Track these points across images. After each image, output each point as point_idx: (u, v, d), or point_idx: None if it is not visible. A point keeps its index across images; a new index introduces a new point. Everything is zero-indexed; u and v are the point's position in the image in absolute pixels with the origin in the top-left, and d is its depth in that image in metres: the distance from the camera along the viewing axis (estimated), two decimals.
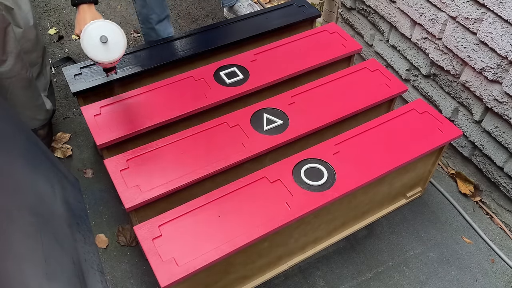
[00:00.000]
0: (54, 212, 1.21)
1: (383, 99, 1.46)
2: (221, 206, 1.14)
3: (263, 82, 1.48)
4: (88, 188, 1.56)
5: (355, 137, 1.31)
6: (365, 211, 1.42)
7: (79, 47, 2.13)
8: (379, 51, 1.84)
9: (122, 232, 1.44)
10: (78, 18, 1.27)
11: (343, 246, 1.42)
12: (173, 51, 1.58)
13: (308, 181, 1.19)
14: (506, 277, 1.37)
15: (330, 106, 1.42)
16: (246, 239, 1.07)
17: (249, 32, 1.67)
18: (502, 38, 1.26)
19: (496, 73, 1.32)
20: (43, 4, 2.38)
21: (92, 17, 1.25)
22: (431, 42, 1.54)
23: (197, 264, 1.02)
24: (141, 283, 1.33)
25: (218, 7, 2.41)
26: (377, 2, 1.72)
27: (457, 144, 1.59)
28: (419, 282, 1.35)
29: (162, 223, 1.10)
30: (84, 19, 1.24)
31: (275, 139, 1.31)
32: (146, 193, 1.16)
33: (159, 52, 1.58)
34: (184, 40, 1.63)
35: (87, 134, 1.72)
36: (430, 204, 1.55)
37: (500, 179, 1.45)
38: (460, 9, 1.36)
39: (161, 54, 1.57)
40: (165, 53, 1.58)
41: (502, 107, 1.35)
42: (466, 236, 1.47)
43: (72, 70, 1.50)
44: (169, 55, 1.57)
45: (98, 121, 1.34)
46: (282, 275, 1.34)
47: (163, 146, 1.28)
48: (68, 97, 1.87)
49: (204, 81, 1.47)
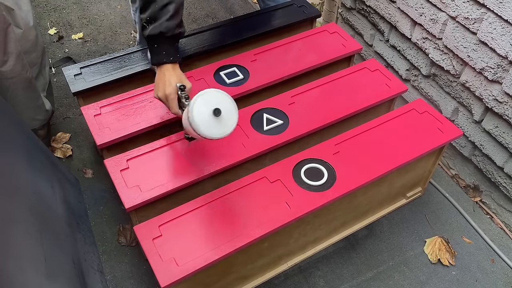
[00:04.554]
0: (54, 212, 1.21)
1: (383, 99, 1.46)
2: (221, 206, 1.14)
3: (263, 82, 1.48)
4: (88, 188, 1.56)
5: (355, 137, 1.31)
6: (365, 211, 1.42)
7: (79, 47, 2.13)
8: (379, 51, 1.84)
9: (122, 232, 1.44)
10: (160, 79, 1.13)
11: (343, 246, 1.42)
12: None
13: (308, 181, 1.19)
14: (506, 277, 1.37)
15: (330, 106, 1.42)
16: (246, 239, 1.07)
17: (249, 32, 1.67)
18: (502, 38, 1.26)
19: (496, 73, 1.32)
20: (43, 4, 2.38)
21: (178, 79, 1.12)
22: (431, 42, 1.54)
23: (197, 264, 1.02)
24: (141, 283, 1.33)
25: (218, 7, 2.41)
26: (377, 2, 1.72)
27: (457, 144, 1.59)
28: (419, 282, 1.35)
29: (162, 223, 1.10)
30: (169, 82, 1.11)
31: (275, 139, 1.31)
32: (146, 193, 1.16)
33: None
34: (184, 40, 1.63)
35: (87, 134, 1.72)
36: (430, 204, 1.55)
37: (500, 179, 1.45)
38: (460, 9, 1.36)
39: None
40: None
41: (502, 107, 1.35)
42: (466, 236, 1.47)
43: (72, 70, 1.50)
44: None
45: (98, 121, 1.35)
46: (282, 275, 1.34)
47: (163, 146, 1.28)
48: (68, 97, 1.88)
49: (204, 81, 1.47)
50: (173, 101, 1.16)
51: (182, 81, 1.15)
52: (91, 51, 2.12)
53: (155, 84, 1.18)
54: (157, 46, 1.14)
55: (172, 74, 1.13)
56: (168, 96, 1.15)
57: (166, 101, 1.18)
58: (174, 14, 1.12)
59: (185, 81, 1.16)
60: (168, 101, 1.17)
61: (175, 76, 1.13)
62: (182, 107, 1.17)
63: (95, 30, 2.24)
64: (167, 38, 1.13)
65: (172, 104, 1.16)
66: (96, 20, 2.30)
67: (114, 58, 1.54)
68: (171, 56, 1.14)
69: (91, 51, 2.12)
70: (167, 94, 1.13)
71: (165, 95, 1.14)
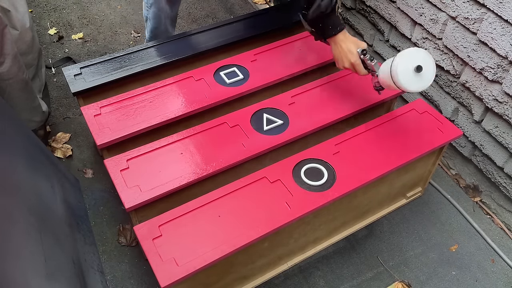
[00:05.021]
0: (54, 212, 1.21)
1: (383, 99, 1.46)
2: (221, 206, 1.14)
3: (263, 82, 1.48)
4: (88, 188, 1.56)
5: (355, 137, 1.31)
6: (365, 211, 1.42)
7: (79, 47, 2.13)
8: (379, 51, 1.84)
9: (122, 232, 1.44)
10: (339, 52, 1.24)
11: (343, 246, 1.42)
12: (173, 51, 1.58)
13: (308, 181, 1.19)
14: (506, 277, 1.37)
15: (330, 106, 1.42)
16: (246, 239, 1.07)
17: (249, 32, 1.67)
18: (502, 38, 1.26)
19: (496, 73, 1.32)
20: (43, 4, 2.38)
21: (355, 45, 1.22)
22: (431, 42, 1.54)
23: (197, 264, 1.02)
24: (141, 283, 1.33)
25: (218, 7, 2.41)
26: (377, 2, 1.72)
27: (457, 144, 1.59)
28: (419, 282, 1.35)
29: (162, 223, 1.10)
30: (349, 51, 1.21)
31: (275, 139, 1.31)
32: (146, 193, 1.16)
33: (159, 52, 1.58)
34: (184, 40, 1.63)
35: (87, 134, 1.72)
36: (430, 204, 1.55)
37: (500, 179, 1.45)
38: (460, 9, 1.36)
39: (161, 54, 1.57)
40: (165, 53, 1.58)
41: (502, 107, 1.35)
42: (466, 236, 1.47)
43: (72, 70, 1.50)
44: (169, 55, 1.57)
45: (98, 121, 1.35)
46: (282, 275, 1.34)
47: (163, 146, 1.28)
48: (68, 97, 1.87)
49: (204, 81, 1.47)
50: (359, 66, 1.25)
51: (358, 45, 1.23)
52: (91, 51, 2.12)
53: (335, 58, 1.29)
54: (322, 25, 1.25)
55: (347, 42, 1.22)
56: (354, 63, 1.25)
57: (353, 68, 1.27)
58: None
59: (360, 43, 1.24)
60: (355, 67, 1.26)
61: (350, 42, 1.22)
62: (368, 68, 1.25)
63: (95, 30, 2.24)
64: (327, 15, 1.22)
65: (359, 68, 1.25)
66: (96, 20, 2.30)
67: (114, 58, 1.54)
68: (337, 27, 1.24)
69: (91, 51, 2.12)
70: (352, 62, 1.23)
71: (351, 63, 1.24)
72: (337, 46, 1.25)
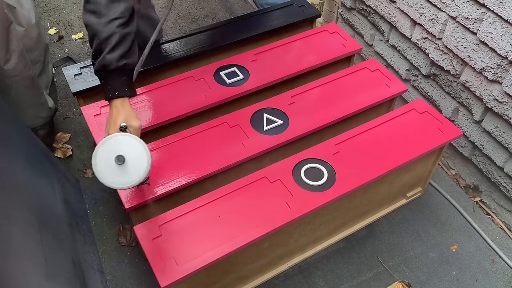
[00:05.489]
0: (54, 212, 1.21)
1: (383, 99, 1.46)
2: (221, 206, 1.14)
3: (263, 82, 1.48)
4: (88, 188, 1.56)
5: (355, 137, 1.31)
6: (365, 211, 1.42)
7: (79, 47, 2.13)
8: (379, 51, 1.84)
9: (122, 232, 1.44)
10: (109, 117, 1.05)
11: (343, 246, 1.42)
12: (173, 51, 1.58)
13: (308, 181, 1.19)
14: (506, 277, 1.37)
15: (330, 106, 1.42)
16: (246, 239, 1.07)
17: (249, 32, 1.67)
18: (502, 38, 1.26)
19: (496, 73, 1.32)
20: (43, 4, 2.38)
21: (124, 118, 1.04)
22: (431, 42, 1.54)
23: (197, 264, 1.02)
24: (141, 283, 1.33)
25: (218, 7, 2.41)
26: (377, 2, 1.72)
27: (457, 144, 1.59)
28: (419, 282, 1.35)
29: (162, 223, 1.10)
30: (114, 122, 1.03)
31: (275, 139, 1.31)
32: (146, 193, 1.16)
33: (159, 52, 1.58)
34: (184, 40, 1.63)
35: (87, 134, 1.72)
36: (430, 204, 1.55)
37: (500, 179, 1.45)
38: (460, 9, 1.36)
39: (161, 54, 1.57)
40: (165, 53, 1.58)
41: (502, 107, 1.35)
42: (466, 236, 1.47)
43: (72, 70, 1.50)
44: (169, 55, 1.57)
45: (98, 121, 1.35)
46: (282, 275, 1.34)
47: (162, 146, 1.28)
48: (68, 97, 1.87)
49: (204, 81, 1.47)
50: None
51: (128, 120, 1.05)
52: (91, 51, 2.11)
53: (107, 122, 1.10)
54: (104, 82, 1.08)
55: (119, 112, 1.05)
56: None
57: None
58: (116, 45, 1.05)
59: (132, 120, 1.06)
60: None
61: (122, 114, 1.05)
62: None
63: None
64: (111, 72, 1.06)
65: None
66: None
67: None
68: (117, 91, 1.06)
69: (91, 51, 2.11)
70: (109, 133, 1.05)
71: (108, 134, 1.06)
72: (110, 111, 1.07)
